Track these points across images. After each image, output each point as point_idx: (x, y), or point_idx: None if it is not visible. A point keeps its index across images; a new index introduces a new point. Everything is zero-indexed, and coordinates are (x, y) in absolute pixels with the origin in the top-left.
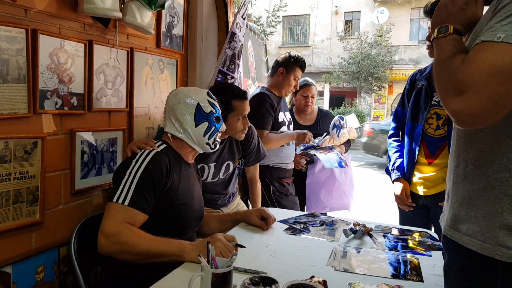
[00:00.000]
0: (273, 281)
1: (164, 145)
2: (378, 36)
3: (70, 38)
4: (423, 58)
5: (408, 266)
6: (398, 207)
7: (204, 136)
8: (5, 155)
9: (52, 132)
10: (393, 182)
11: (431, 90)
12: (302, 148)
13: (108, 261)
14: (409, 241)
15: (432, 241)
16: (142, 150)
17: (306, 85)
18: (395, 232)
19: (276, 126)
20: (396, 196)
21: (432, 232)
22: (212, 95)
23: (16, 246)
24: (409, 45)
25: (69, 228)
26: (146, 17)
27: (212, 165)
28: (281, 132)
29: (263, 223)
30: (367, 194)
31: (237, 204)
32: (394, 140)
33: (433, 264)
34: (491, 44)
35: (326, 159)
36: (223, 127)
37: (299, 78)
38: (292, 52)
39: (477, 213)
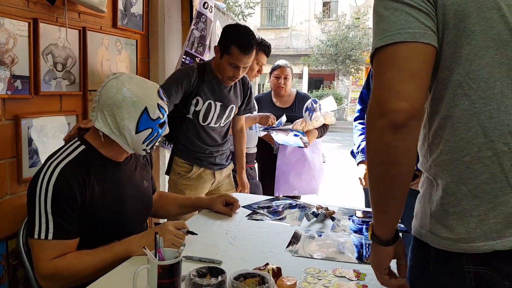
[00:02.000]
0: (220, 272)
1: (82, 147)
2: (356, 18)
3: (11, 16)
4: None
5: (369, 249)
6: (364, 189)
7: (143, 143)
8: None
9: None
10: (357, 164)
11: None
12: (261, 129)
13: None
14: None
15: None
16: (50, 161)
17: (279, 67)
18: (359, 214)
19: None
20: (360, 179)
21: None
22: (163, 94)
23: None
24: None
25: (17, 220)
26: None
27: (218, 104)
28: None
29: (228, 209)
30: (344, 177)
31: (228, 176)
32: (359, 123)
33: None
34: (375, 58)
35: (282, 139)
36: (166, 131)
37: (263, 63)
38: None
39: (419, 199)
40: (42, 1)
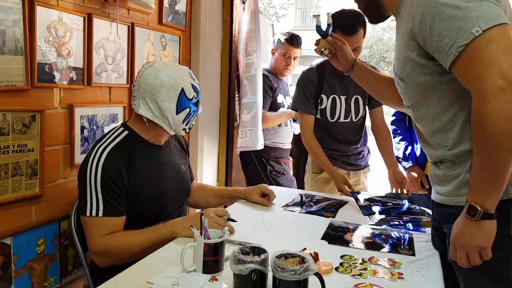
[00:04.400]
0: (262, 251)
1: (126, 133)
2: (392, 20)
3: (69, 10)
4: None
5: (406, 242)
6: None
7: (182, 123)
8: (3, 128)
9: (50, 106)
10: (406, 171)
11: None
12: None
13: None
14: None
15: (428, 218)
16: (98, 146)
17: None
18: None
19: (275, 106)
20: (409, 186)
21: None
22: (193, 75)
23: (16, 218)
24: None
25: (69, 202)
26: None
27: (343, 98)
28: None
29: (264, 199)
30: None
31: (366, 179)
32: (397, 126)
33: (425, 239)
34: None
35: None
36: (200, 110)
37: (292, 56)
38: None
39: None
40: None
